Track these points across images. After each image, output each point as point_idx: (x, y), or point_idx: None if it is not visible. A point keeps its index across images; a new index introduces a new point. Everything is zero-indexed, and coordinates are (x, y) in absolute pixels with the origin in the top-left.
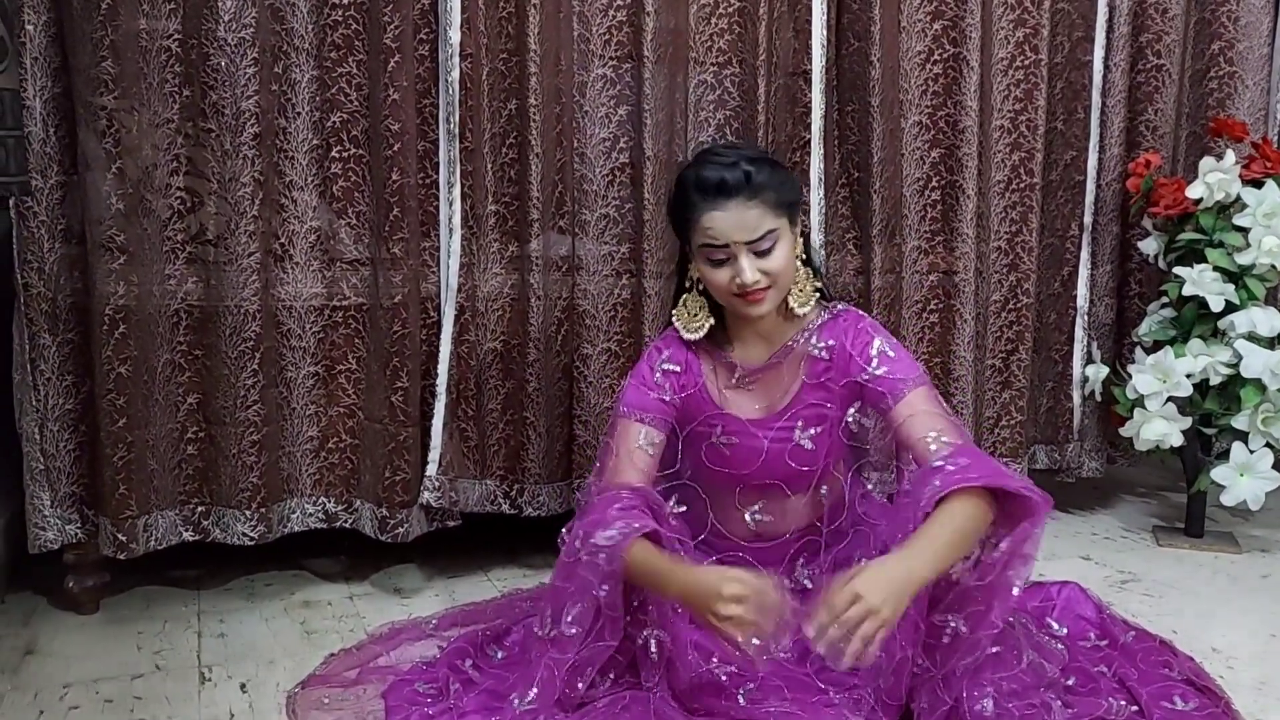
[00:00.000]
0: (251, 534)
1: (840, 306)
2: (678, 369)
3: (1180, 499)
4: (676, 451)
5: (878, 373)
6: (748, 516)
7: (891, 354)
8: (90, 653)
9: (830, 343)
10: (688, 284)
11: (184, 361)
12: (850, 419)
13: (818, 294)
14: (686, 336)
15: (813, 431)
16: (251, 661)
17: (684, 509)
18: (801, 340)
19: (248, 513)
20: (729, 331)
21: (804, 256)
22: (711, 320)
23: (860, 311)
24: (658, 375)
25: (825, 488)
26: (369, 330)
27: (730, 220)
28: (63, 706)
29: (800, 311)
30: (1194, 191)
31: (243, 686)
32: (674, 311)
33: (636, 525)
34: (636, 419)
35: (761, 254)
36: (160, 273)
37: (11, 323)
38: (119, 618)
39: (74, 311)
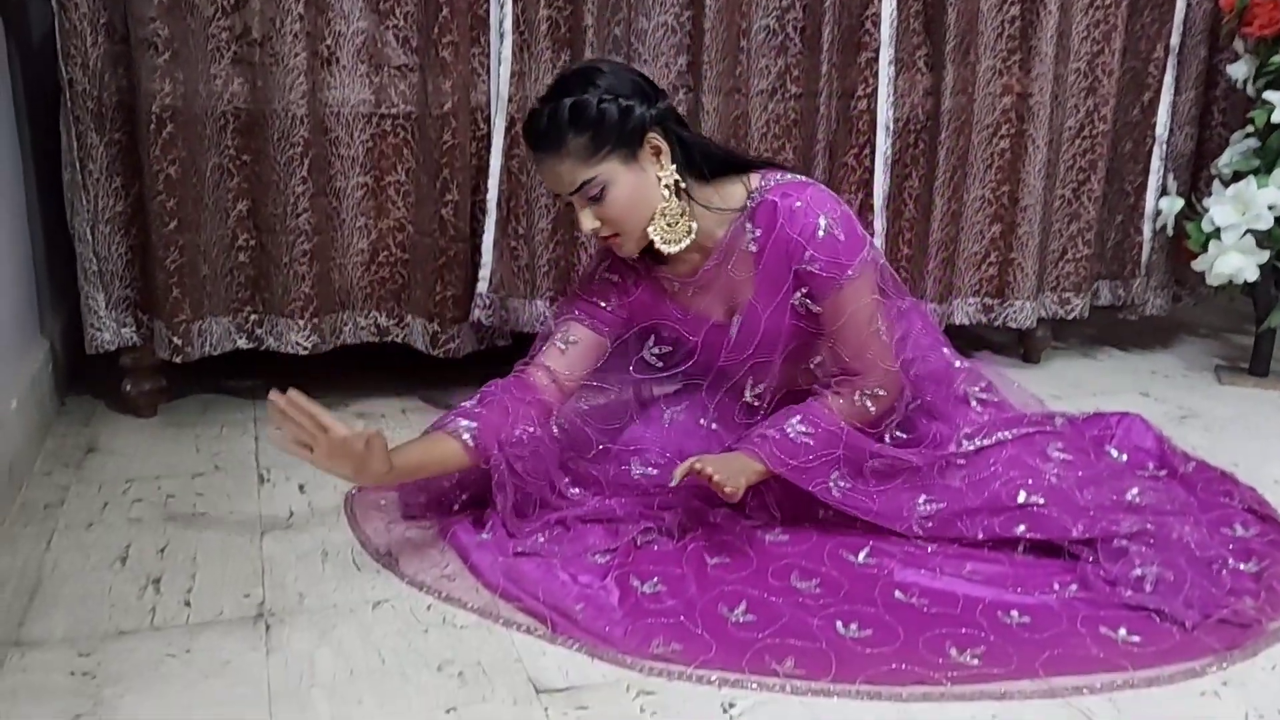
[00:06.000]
0: (305, 344)
1: (772, 182)
2: (616, 279)
3: (1245, 341)
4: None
5: (814, 263)
6: (748, 395)
7: (832, 239)
8: (150, 452)
9: (761, 229)
10: None
11: (232, 166)
12: (796, 301)
13: (691, 231)
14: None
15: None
16: (308, 465)
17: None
18: (736, 234)
19: (300, 322)
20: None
21: (675, 182)
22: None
23: (800, 179)
24: (597, 281)
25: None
26: (418, 140)
27: (548, 176)
28: (126, 499)
29: (668, 250)
30: None
31: (301, 488)
32: None
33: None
34: (567, 315)
35: (595, 201)
36: (205, 72)
37: (59, 121)
38: (176, 421)
39: (120, 110)
